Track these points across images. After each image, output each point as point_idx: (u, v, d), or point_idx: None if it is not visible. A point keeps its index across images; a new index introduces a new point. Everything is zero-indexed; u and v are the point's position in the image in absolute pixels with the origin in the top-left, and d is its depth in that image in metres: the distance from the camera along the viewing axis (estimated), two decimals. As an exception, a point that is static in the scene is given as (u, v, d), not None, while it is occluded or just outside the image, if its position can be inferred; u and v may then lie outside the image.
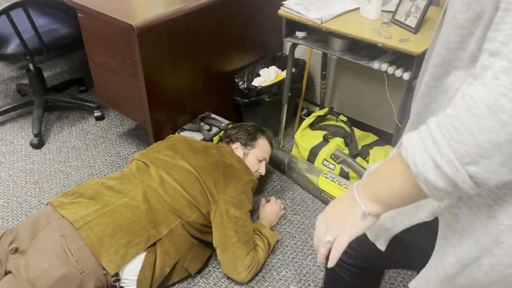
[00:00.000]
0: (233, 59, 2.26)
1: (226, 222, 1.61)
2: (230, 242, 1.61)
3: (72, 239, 1.39)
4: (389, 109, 2.26)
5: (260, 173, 1.92)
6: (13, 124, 2.53)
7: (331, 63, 2.40)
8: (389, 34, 1.64)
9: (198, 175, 1.63)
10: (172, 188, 1.59)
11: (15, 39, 2.09)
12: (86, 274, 1.37)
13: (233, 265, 1.62)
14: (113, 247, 1.41)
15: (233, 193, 1.65)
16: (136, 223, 1.48)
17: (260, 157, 1.93)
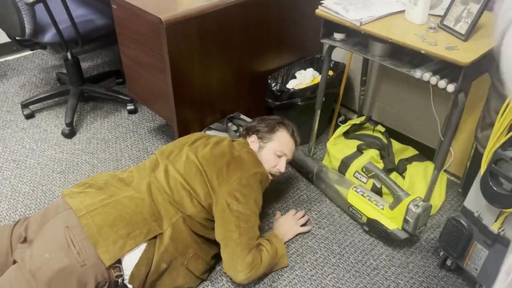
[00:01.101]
0: (268, 59, 2.16)
1: (228, 216, 1.49)
2: (230, 238, 1.49)
3: (76, 230, 1.36)
4: (433, 121, 2.08)
5: (279, 169, 1.71)
6: (49, 112, 2.57)
7: (373, 69, 2.24)
8: (435, 41, 1.48)
9: (201, 165, 1.54)
10: (173, 179, 1.53)
11: (52, 28, 2.10)
12: (88, 267, 1.33)
13: (233, 263, 1.50)
14: (112, 238, 1.37)
15: (236, 185, 1.51)
16: (138, 215, 1.43)
17: (279, 151, 1.71)
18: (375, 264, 1.71)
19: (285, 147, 1.73)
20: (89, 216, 1.39)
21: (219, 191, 1.51)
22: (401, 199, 1.67)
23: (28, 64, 3.05)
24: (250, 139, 1.74)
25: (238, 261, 1.49)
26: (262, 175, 1.61)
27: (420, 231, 1.71)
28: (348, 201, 1.85)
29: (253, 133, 1.75)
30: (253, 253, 1.51)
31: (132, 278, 1.41)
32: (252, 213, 1.54)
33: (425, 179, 1.92)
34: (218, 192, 1.51)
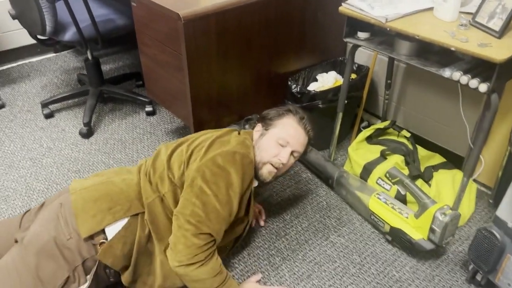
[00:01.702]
0: (288, 60, 2.10)
1: (188, 189, 1.34)
2: (182, 213, 1.32)
3: (66, 206, 1.37)
4: (462, 128, 1.97)
5: (280, 160, 1.47)
6: (68, 112, 2.56)
7: (398, 72, 2.15)
8: (466, 38, 1.39)
9: (188, 148, 1.45)
10: (160, 160, 1.47)
11: (73, 27, 2.09)
12: (73, 240, 1.31)
13: (174, 239, 1.32)
14: (92, 211, 1.35)
15: (208, 161, 1.34)
16: (123, 193, 1.40)
17: (281, 139, 1.48)
18: (397, 276, 1.61)
19: (288, 135, 1.49)
20: (79, 193, 1.40)
21: (192, 166, 1.38)
22: (427, 207, 1.57)
23: (51, 65, 3.08)
24: (255, 128, 1.57)
25: (181, 240, 1.30)
26: (243, 157, 1.38)
27: (447, 242, 1.60)
28: (370, 208, 1.75)
29: (259, 121, 1.57)
30: (203, 243, 1.30)
31: (103, 253, 1.32)
32: (216, 198, 1.32)
33: (453, 188, 1.81)
34: (190, 167, 1.38)
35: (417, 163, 1.88)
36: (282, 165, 1.49)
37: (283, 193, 1.99)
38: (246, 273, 1.61)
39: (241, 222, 1.52)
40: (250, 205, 1.52)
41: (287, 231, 1.79)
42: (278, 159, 1.47)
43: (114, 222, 1.35)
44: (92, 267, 1.33)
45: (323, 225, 1.82)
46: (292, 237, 1.76)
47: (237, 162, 1.36)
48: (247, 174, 1.40)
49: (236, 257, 1.67)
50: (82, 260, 1.32)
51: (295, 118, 1.53)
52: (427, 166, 1.92)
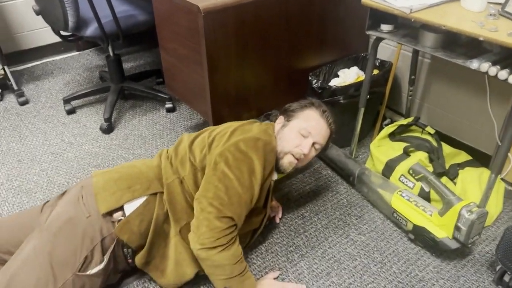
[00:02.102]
0: (309, 55, 2.07)
1: (211, 175, 1.34)
2: (205, 196, 1.32)
3: (88, 188, 1.41)
4: (489, 125, 1.90)
5: (301, 150, 1.46)
6: (90, 108, 2.59)
7: (422, 67, 2.09)
8: (495, 27, 1.33)
9: (209, 133, 1.47)
10: (183, 146, 1.49)
11: (94, 23, 2.11)
12: (92, 218, 1.34)
13: (197, 222, 1.32)
14: (112, 189, 1.38)
15: (231, 147, 1.36)
16: (143, 174, 1.44)
17: (303, 130, 1.48)
18: (420, 276, 1.55)
19: (310, 126, 1.49)
20: (101, 175, 1.45)
21: (214, 151, 1.39)
22: (452, 204, 1.51)
23: (74, 63, 3.12)
24: (277, 120, 1.58)
25: (204, 223, 1.29)
26: (265, 144, 1.39)
27: (473, 241, 1.53)
28: (392, 206, 1.70)
29: (282, 114, 1.58)
30: (226, 227, 1.30)
31: (120, 228, 1.34)
32: (239, 182, 1.33)
33: (480, 187, 1.74)
34: (213, 152, 1.39)
35: (441, 160, 1.82)
36: (303, 156, 1.48)
37: (302, 190, 1.95)
38: (264, 269, 1.58)
39: (259, 213, 1.50)
40: (268, 197, 1.50)
41: (306, 228, 1.76)
42: (300, 149, 1.47)
43: (133, 200, 1.37)
44: (110, 246, 1.35)
45: (343, 222, 1.78)
46: (311, 234, 1.73)
47: (259, 149, 1.37)
48: (268, 162, 1.40)
49: (254, 253, 1.65)
50: (101, 237, 1.33)
51: (317, 111, 1.54)
52: (452, 163, 1.85)
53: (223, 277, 1.34)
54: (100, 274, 1.34)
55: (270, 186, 1.49)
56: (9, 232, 1.43)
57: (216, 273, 1.34)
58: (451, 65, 1.95)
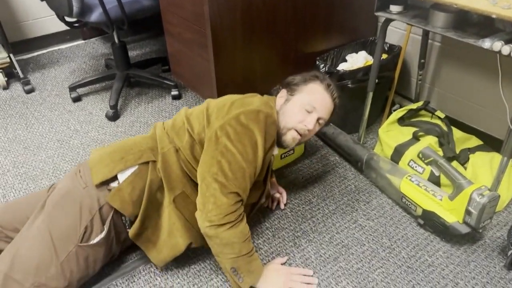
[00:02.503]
0: (317, 40, 2.03)
1: (212, 149, 1.31)
2: (208, 172, 1.30)
3: (85, 164, 1.44)
4: (501, 109, 1.86)
5: (305, 126, 1.43)
6: (96, 96, 2.58)
7: (432, 51, 2.05)
8: (509, 4, 1.29)
9: (208, 105, 1.44)
10: (180, 116, 1.48)
11: (99, 8, 2.09)
12: (90, 188, 1.36)
13: (203, 199, 1.29)
14: (105, 162, 1.40)
15: (231, 120, 1.32)
16: (137, 145, 1.45)
17: (307, 104, 1.44)
18: (430, 261, 1.53)
19: (315, 100, 1.45)
20: (96, 151, 1.47)
21: (214, 124, 1.35)
22: (462, 188, 1.48)
23: (79, 52, 3.11)
24: (279, 94, 1.52)
25: (210, 200, 1.27)
26: (267, 116, 1.35)
27: (484, 226, 1.51)
28: (401, 191, 1.68)
29: (284, 87, 1.52)
30: (233, 202, 1.28)
31: (112, 196, 1.35)
32: (242, 157, 1.30)
33: (491, 171, 1.71)
34: (212, 125, 1.36)
35: (452, 144, 1.79)
36: (308, 131, 1.45)
37: (310, 176, 1.93)
38: (271, 255, 1.57)
39: (258, 188, 1.49)
40: (268, 172, 1.49)
41: (313, 214, 1.73)
42: (304, 125, 1.43)
43: (125, 169, 1.38)
44: (109, 215, 1.36)
45: (351, 208, 1.76)
46: (318, 220, 1.71)
47: (260, 121, 1.34)
48: (270, 134, 1.37)
49: (261, 238, 1.63)
50: (98, 206, 1.34)
51: (322, 84, 1.49)
52: (463, 148, 1.82)
53: (232, 255, 1.32)
54: (102, 243, 1.35)
55: (271, 161, 1.47)
56: (15, 211, 1.45)
57: (225, 252, 1.32)
58: (462, 47, 1.91)
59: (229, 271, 1.34)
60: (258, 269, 1.38)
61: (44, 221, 1.33)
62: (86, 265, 1.34)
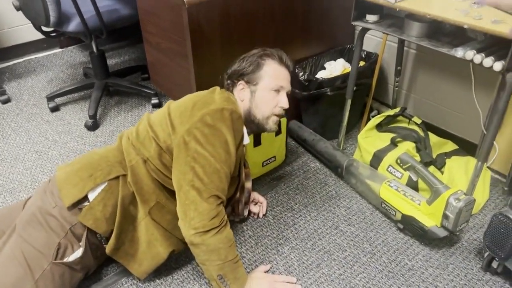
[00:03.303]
0: (295, 48, 2.06)
1: (183, 155, 1.29)
2: (184, 179, 1.28)
3: (53, 181, 1.41)
4: (475, 114, 1.91)
5: (282, 106, 1.48)
6: (74, 105, 2.55)
7: (408, 58, 2.10)
8: (479, 15, 1.34)
9: (168, 109, 1.40)
10: (143, 125, 1.44)
11: (77, 17, 2.07)
12: (58, 208, 1.34)
13: (184, 208, 1.27)
14: (74, 181, 1.37)
15: (197, 122, 1.30)
16: (103, 159, 1.41)
17: (274, 86, 1.46)
18: (410, 265, 1.56)
19: (279, 79, 1.47)
20: (63, 168, 1.43)
21: (179, 130, 1.32)
22: (440, 193, 1.52)
23: (57, 60, 3.07)
24: (237, 88, 1.49)
25: (191, 207, 1.26)
26: (232, 112, 1.34)
27: (461, 229, 1.55)
28: (381, 196, 1.71)
29: (238, 79, 1.49)
30: (214, 206, 1.27)
31: (83, 215, 1.33)
32: (215, 159, 1.29)
33: (466, 175, 1.75)
34: (178, 131, 1.32)
35: (428, 150, 1.83)
36: (284, 110, 1.50)
37: (291, 183, 1.95)
38: (254, 263, 1.58)
39: (233, 183, 1.49)
40: (241, 165, 1.50)
41: (295, 221, 1.75)
42: (280, 106, 1.48)
43: (95, 187, 1.36)
44: (83, 233, 1.34)
45: (333, 214, 1.78)
46: (300, 227, 1.72)
47: (226, 119, 1.33)
48: (237, 130, 1.37)
49: (244, 247, 1.64)
50: (69, 225, 1.33)
51: (276, 60, 1.50)
52: (439, 153, 1.86)
53: (218, 262, 1.31)
54: (78, 262, 1.34)
55: (243, 152, 1.48)
56: None
57: (211, 259, 1.31)
58: (436, 55, 1.96)
59: (215, 279, 1.34)
60: (243, 276, 1.38)
61: (16, 240, 1.31)
62: (62, 282, 1.32)
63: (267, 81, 1.47)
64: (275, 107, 1.47)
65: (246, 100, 1.48)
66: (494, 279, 1.50)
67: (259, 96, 1.46)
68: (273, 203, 1.84)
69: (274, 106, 1.47)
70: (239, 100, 1.49)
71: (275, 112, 1.48)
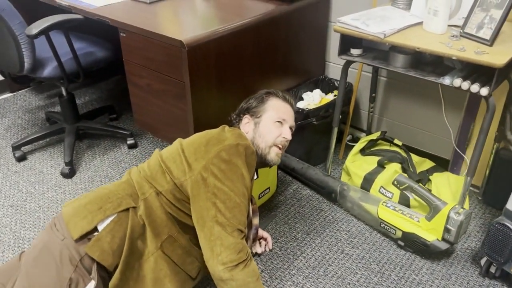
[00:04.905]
0: (277, 81, 2.14)
1: (203, 192, 1.32)
2: (207, 216, 1.30)
3: (59, 217, 1.37)
4: (446, 133, 2.10)
5: (284, 137, 1.54)
6: (42, 153, 2.41)
7: (380, 85, 2.26)
8: (463, 47, 1.51)
9: (181, 146, 1.43)
10: (154, 159, 1.46)
11: (52, 62, 1.99)
12: (67, 240, 1.30)
13: (210, 244, 1.28)
14: (83, 214, 1.34)
15: (214, 159, 1.33)
16: (113, 193, 1.39)
17: (277, 118, 1.54)
18: (418, 279, 1.66)
19: (282, 112, 1.56)
20: (70, 204, 1.40)
21: (195, 166, 1.35)
22: (439, 209, 1.64)
23: (9, 106, 2.88)
24: (243, 122, 1.58)
25: (217, 243, 1.27)
26: (246, 147, 1.39)
27: (460, 240, 1.68)
28: (379, 217, 1.81)
29: (244, 114, 1.59)
30: (239, 240, 1.29)
31: (90, 246, 1.28)
32: (234, 193, 1.32)
33: (450, 189, 1.91)
34: (194, 168, 1.35)
35: (413, 169, 1.98)
36: (287, 142, 1.56)
37: (288, 212, 1.99)
38: None
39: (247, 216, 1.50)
40: (248, 201, 1.50)
41: (302, 250, 1.79)
42: (283, 137, 1.53)
43: (105, 219, 1.33)
44: (92, 266, 1.29)
45: (335, 239, 1.85)
46: (308, 255, 1.77)
47: (241, 154, 1.37)
48: (251, 165, 1.42)
49: (259, 282, 1.64)
50: (79, 257, 1.29)
51: (279, 97, 1.61)
52: (420, 171, 2.01)
53: None
54: None
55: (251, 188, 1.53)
56: None
57: None
58: (406, 81, 2.14)
59: None
60: None
61: (22, 281, 1.25)
62: None
63: (270, 113, 1.55)
64: (278, 137, 1.53)
65: (250, 132, 1.55)
66: (493, 283, 1.64)
67: (262, 126, 1.53)
68: (276, 234, 1.87)
69: (277, 136, 1.53)
70: (245, 132, 1.53)
71: (277, 143, 1.54)
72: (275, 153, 1.55)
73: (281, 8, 1.98)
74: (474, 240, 1.83)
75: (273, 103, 1.58)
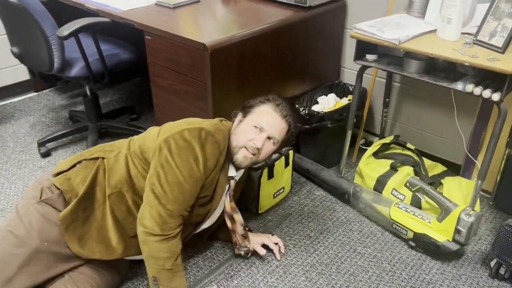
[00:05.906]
0: (294, 85, 2.21)
1: (155, 159, 1.43)
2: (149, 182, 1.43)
3: None
4: (458, 138, 2.15)
5: (254, 144, 1.49)
6: (66, 149, 2.51)
7: (394, 91, 2.32)
8: (475, 54, 1.56)
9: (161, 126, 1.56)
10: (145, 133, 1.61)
11: (80, 63, 2.09)
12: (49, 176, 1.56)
13: (143, 206, 1.43)
14: (68, 159, 1.60)
15: (175, 134, 1.43)
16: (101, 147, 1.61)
17: (255, 122, 1.51)
18: (428, 279, 1.70)
19: (263, 120, 1.52)
20: None
21: (160, 138, 1.45)
22: (450, 210, 1.69)
23: (34, 105, 3.00)
24: (236, 118, 1.61)
25: (146, 208, 1.41)
26: (208, 135, 1.44)
27: (470, 241, 1.72)
28: (391, 218, 1.86)
29: (240, 111, 1.61)
30: (165, 214, 1.39)
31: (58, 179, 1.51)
32: (179, 170, 1.39)
33: (461, 192, 1.95)
34: (160, 138, 1.45)
35: (426, 172, 2.02)
36: (257, 150, 1.51)
37: (301, 211, 2.05)
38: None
39: (203, 205, 1.55)
40: (215, 191, 1.55)
41: (315, 247, 1.85)
42: (253, 142, 1.50)
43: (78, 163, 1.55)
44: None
45: (348, 238, 1.90)
46: (321, 252, 1.82)
47: (201, 138, 1.43)
48: (211, 154, 1.45)
49: (274, 276, 1.71)
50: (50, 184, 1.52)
51: (271, 105, 1.56)
52: (432, 174, 2.06)
53: (155, 266, 1.41)
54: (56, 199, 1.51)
55: (230, 185, 1.61)
56: None
57: (149, 261, 1.41)
58: (419, 87, 2.19)
59: (151, 279, 1.43)
60: (181, 286, 1.44)
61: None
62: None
63: (253, 117, 1.56)
64: (249, 141, 1.51)
65: (233, 128, 1.59)
66: (503, 285, 1.68)
67: (241, 126, 1.56)
68: (290, 232, 1.93)
69: (248, 139, 1.51)
70: (232, 128, 1.59)
71: (247, 145, 1.51)
72: (243, 155, 1.52)
73: (298, 14, 2.06)
74: (485, 243, 1.87)
75: (261, 109, 1.56)
